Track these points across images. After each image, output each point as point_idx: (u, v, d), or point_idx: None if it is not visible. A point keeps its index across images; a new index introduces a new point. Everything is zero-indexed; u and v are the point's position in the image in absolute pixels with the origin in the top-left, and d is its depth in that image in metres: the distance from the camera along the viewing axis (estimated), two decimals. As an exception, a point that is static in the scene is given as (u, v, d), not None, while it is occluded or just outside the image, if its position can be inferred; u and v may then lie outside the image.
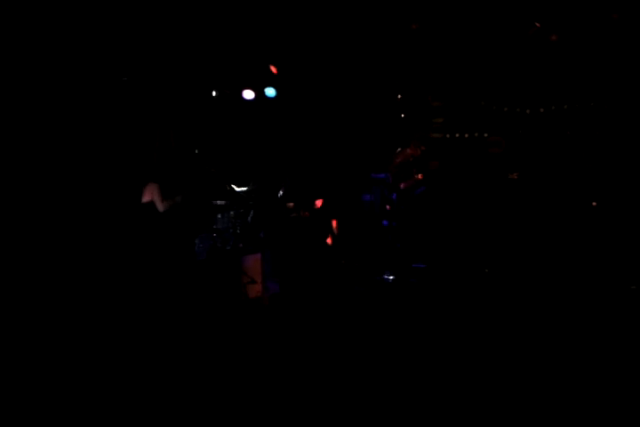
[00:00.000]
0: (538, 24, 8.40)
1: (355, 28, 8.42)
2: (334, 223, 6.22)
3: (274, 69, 8.63)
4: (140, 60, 8.03)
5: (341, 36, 8.49)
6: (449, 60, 8.81)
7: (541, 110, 8.80)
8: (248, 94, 8.51)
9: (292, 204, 7.21)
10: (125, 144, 7.86)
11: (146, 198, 7.08)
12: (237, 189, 7.40)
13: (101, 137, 7.73)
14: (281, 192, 7.12)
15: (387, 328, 5.14)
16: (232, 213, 7.23)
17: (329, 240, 6.26)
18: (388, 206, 7.52)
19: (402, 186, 7.53)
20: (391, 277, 7.18)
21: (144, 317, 5.51)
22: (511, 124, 8.94)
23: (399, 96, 9.20)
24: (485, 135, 9.04)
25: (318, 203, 6.27)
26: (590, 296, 6.31)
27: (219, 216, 7.16)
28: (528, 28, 8.36)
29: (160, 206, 7.03)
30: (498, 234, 8.18)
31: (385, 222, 7.56)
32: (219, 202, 7.32)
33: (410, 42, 8.68)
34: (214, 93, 8.36)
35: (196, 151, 7.86)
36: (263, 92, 8.55)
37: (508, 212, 8.31)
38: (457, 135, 9.11)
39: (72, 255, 6.51)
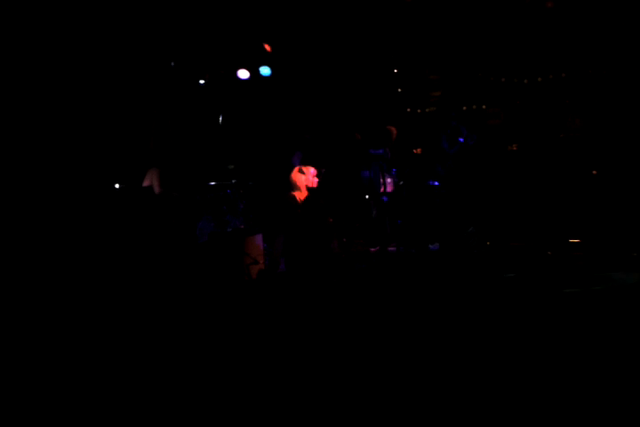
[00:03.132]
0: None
1: (349, 3, 8.32)
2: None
3: (268, 48, 8.56)
4: (133, 42, 7.98)
5: (336, 11, 8.40)
6: (444, 33, 8.70)
7: (539, 80, 8.71)
8: (243, 74, 8.46)
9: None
10: (122, 129, 7.86)
11: (146, 183, 7.14)
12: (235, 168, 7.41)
13: (98, 122, 7.73)
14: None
15: (387, 306, 5.18)
16: (232, 194, 7.25)
17: (329, 219, 6.28)
18: (387, 182, 7.53)
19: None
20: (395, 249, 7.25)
21: (147, 302, 5.57)
22: (509, 94, 8.87)
23: (395, 70, 9.12)
24: (484, 107, 8.98)
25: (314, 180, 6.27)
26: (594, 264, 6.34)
27: (218, 198, 7.19)
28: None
29: (157, 190, 7.08)
30: (498, 206, 8.19)
31: (385, 198, 7.58)
32: (219, 184, 7.35)
33: (404, 15, 8.58)
34: (202, 82, 8.34)
35: (194, 134, 7.84)
36: (258, 72, 8.50)
37: (509, 183, 8.31)
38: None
39: (72, 241, 6.56)
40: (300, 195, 6.33)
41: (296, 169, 6.38)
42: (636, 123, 7.95)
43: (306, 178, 6.28)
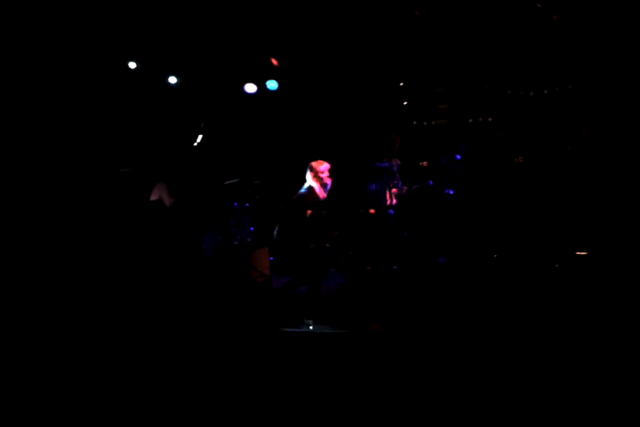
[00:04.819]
0: (539, 4, 8.31)
1: (356, 16, 8.38)
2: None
3: (275, 62, 8.63)
4: (142, 55, 8.09)
5: (342, 25, 8.46)
6: (450, 46, 8.74)
7: (545, 92, 8.72)
8: (250, 88, 8.53)
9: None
10: (130, 142, 7.94)
11: (154, 197, 7.20)
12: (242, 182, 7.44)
13: (107, 135, 7.83)
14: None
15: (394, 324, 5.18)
16: (239, 208, 7.29)
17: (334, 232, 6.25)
18: (393, 194, 7.53)
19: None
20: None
21: (154, 312, 5.61)
22: (515, 107, 8.87)
23: (401, 83, 9.16)
24: (490, 119, 8.99)
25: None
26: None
27: (225, 212, 7.23)
28: (529, 9, 8.27)
29: (168, 203, 7.14)
30: (506, 219, 8.18)
31: (391, 212, 7.58)
32: (224, 197, 7.39)
33: (411, 28, 8.62)
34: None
35: (201, 148, 7.90)
36: (265, 86, 8.56)
37: (515, 195, 8.30)
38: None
39: (81, 253, 6.63)
40: (312, 195, 5.78)
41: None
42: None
43: (315, 174, 5.79)
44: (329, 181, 5.87)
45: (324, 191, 5.88)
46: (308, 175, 5.87)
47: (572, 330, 4.62)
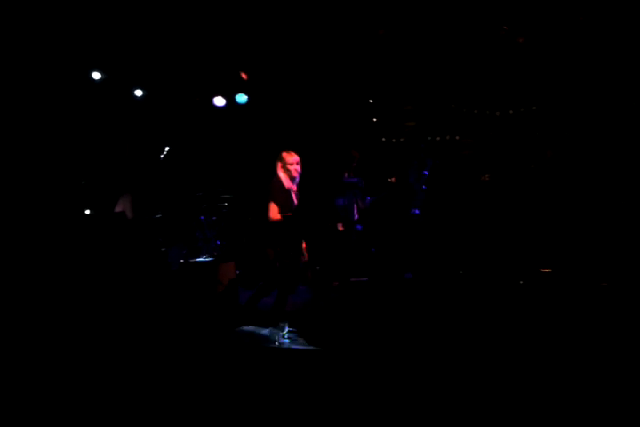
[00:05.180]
0: (505, 27, 8.50)
1: (326, 34, 8.45)
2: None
3: (244, 76, 8.62)
4: (111, 68, 8.00)
5: (312, 43, 8.51)
6: (419, 65, 8.86)
7: (511, 112, 8.89)
8: (219, 101, 8.50)
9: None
10: (94, 154, 7.81)
11: (118, 208, 7.07)
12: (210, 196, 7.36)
13: (71, 146, 7.68)
14: None
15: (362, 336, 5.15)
16: (205, 221, 7.20)
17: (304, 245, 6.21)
18: (359, 210, 7.54)
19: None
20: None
21: (118, 328, 5.46)
22: (481, 126, 9.03)
23: (371, 101, 9.24)
24: (457, 138, 9.12)
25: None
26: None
27: (192, 226, 7.13)
28: (496, 32, 8.45)
29: (130, 214, 7.01)
30: (471, 235, 8.25)
31: (359, 227, 7.58)
32: (191, 210, 7.30)
33: (380, 47, 8.73)
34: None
35: (167, 160, 7.81)
36: (234, 99, 8.54)
37: (481, 213, 8.39)
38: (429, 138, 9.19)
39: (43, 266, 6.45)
40: (278, 184, 5.62)
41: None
42: (605, 154, 8.13)
43: (283, 165, 5.64)
44: (297, 174, 5.73)
45: (291, 183, 5.72)
46: (277, 165, 5.73)
47: (537, 345, 4.65)
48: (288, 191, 5.68)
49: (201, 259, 6.84)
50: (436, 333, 5.13)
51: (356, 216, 7.51)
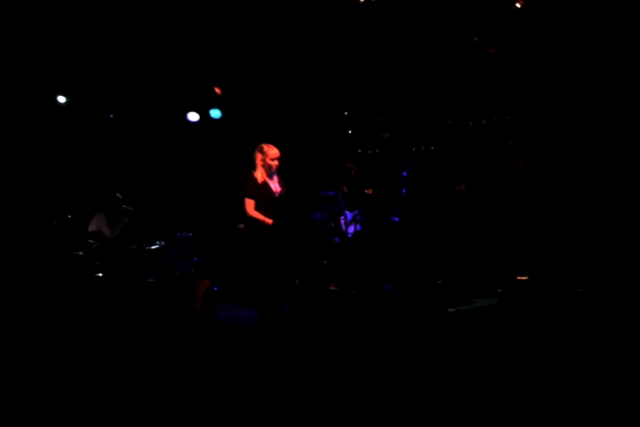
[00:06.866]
0: (475, 38, 8.61)
1: (299, 48, 8.50)
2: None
3: (218, 91, 8.61)
4: (81, 83, 7.95)
5: (286, 56, 8.55)
6: (393, 77, 8.94)
7: (484, 122, 8.99)
8: (193, 117, 8.47)
9: (242, 225, 7.13)
10: (67, 172, 7.75)
11: (92, 228, 6.99)
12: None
13: (45, 166, 7.62)
14: None
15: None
16: (181, 238, 7.15)
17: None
18: (336, 223, 7.54)
19: None
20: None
21: (94, 344, 5.38)
22: (456, 136, 9.11)
23: (345, 113, 9.29)
24: (432, 148, 9.19)
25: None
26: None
27: (167, 242, 7.07)
28: (466, 43, 8.56)
29: (108, 233, 6.94)
30: (449, 245, 8.28)
31: (336, 240, 7.57)
32: (167, 228, 7.25)
33: (353, 60, 8.80)
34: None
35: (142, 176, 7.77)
36: (208, 114, 8.52)
37: (458, 222, 8.43)
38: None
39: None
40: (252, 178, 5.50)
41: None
42: (578, 163, 8.25)
43: (264, 158, 5.51)
44: (276, 169, 5.62)
45: (268, 177, 5.63)
46: (257, 157, 5.58)
47: (516, 354, 4.66)
48: (262, 185, 5.57)
49: (177, 275, 6.80)
50: (411, 345, 5.12)
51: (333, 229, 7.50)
